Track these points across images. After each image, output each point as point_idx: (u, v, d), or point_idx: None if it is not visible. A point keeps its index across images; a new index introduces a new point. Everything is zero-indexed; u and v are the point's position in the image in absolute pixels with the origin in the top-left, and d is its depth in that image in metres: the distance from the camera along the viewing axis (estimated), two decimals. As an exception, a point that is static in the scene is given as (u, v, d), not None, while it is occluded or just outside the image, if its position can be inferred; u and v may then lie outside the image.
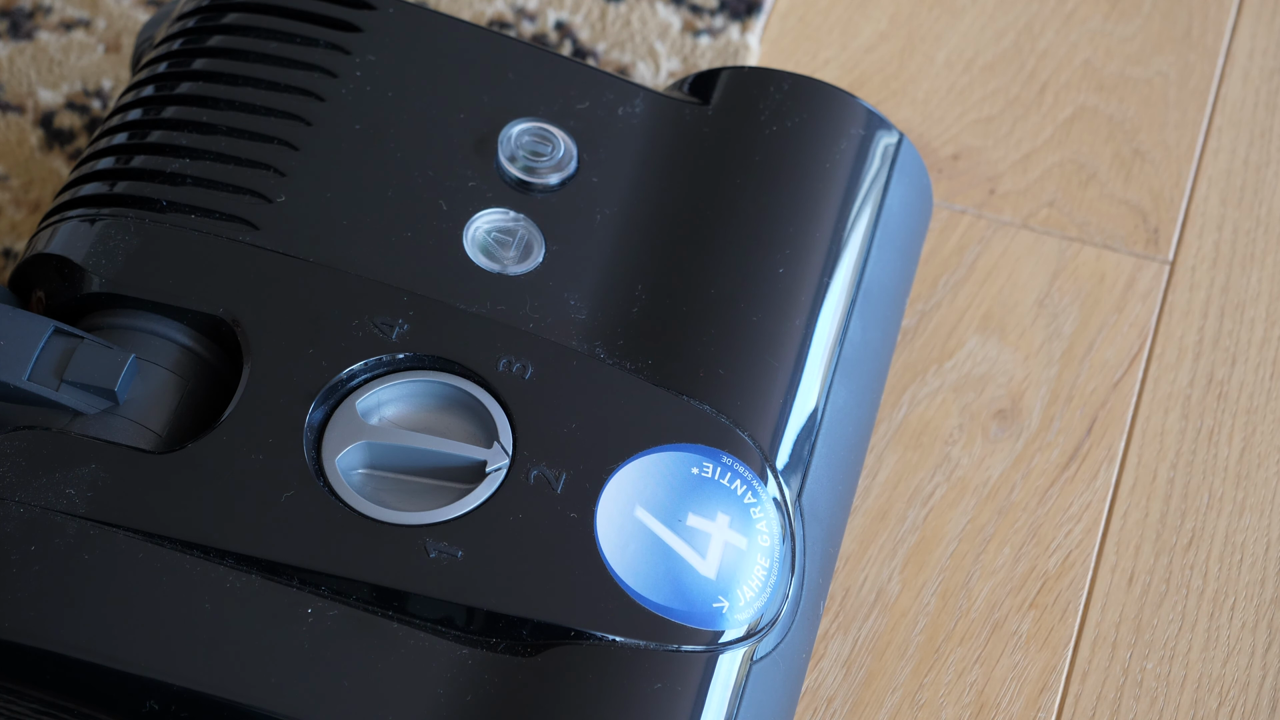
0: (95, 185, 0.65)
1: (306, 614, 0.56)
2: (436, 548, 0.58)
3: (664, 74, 0.82)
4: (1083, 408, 0.75)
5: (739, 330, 0.63)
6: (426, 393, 0.61)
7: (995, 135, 0.82)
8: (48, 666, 0.55)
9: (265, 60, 0.67)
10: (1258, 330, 0.77)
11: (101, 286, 0.62)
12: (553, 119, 0.67)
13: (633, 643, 0.57)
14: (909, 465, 0.73)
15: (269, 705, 0.55)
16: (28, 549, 0.56)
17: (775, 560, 0.60)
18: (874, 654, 0.69)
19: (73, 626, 0.55)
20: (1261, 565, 0.72)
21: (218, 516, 0.57)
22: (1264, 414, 0.75)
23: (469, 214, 0.65)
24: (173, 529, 0.57)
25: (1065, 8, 0.86)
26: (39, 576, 0.56)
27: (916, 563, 0.71)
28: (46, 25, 0.82)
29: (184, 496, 0.58)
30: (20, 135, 0.79)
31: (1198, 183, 0.81)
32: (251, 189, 0.64)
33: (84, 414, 0.59)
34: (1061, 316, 0.77)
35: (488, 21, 0.83)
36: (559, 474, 0.59)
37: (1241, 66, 0.84)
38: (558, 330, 0.62)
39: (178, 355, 0.61)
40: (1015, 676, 0.69)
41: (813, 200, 0.67)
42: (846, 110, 0.69)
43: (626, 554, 0.58)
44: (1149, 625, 0.70)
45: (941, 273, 0.78)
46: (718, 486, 0.60)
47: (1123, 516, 0.72)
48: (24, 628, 0.55)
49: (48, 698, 0.56)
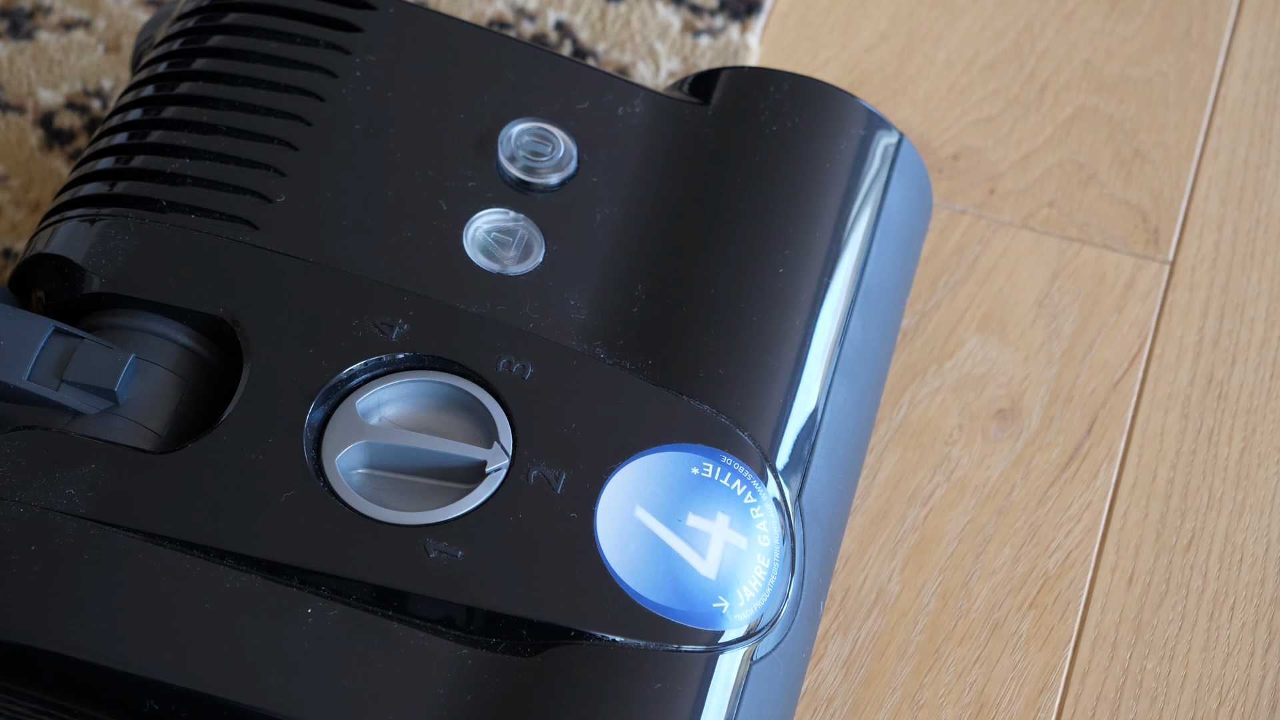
0: (95, 185, 0.65)
1: (306, 614, 0.56)
2: (436, 548, 0.58)
3: (664, 74, 0.82)
4: (1083, 408, 0.75)
5: (739, 330, 0.63)
6: (426, 393, 0.61)
7: (995, 135, 0.82)
8: (48, 666, 0.55)
9: (265, 60, 0.67)
10: (1258, 330, 0.77)
11: (101, 286, 0.62)
12: (553, 119, 0.67)
13: (633, 643, 0.57)
14: (909, 465, 0.73)
15: (269, 705, 0.55)
16: (28, 549, 0.56)
17: (775, 560, 0.60)
18: (874, 654, 0.69)
19: (73, 626, 0.55)
20: (1261, 565, 0.72)
21: (218, 516, 0.57)
22: (1264, 414, 0.75)
23: (469, 214, 0.65)
24: (173, 529, 0.57)
25: (1065, 8, 0.86)
26: (39, 576, 0.56)
27: (916, 563, 0.71)
28: (46, 25, 0.82)
29: (184, 496, 0.58)
30: (20, 135, 0.79)
31: (1198, 183, 0.81)
32: (251, 189, 0.64)
33: (84, 414, 0.59)
34: (1061, 316, 0.77)
35: (488, 21, 0.83)
36: (559, 474, 0.59)
37: (1241, 66, 0.84)
38: (558, 330, 0.62)
39: (178, 355, 0.61)
40: (1015, 676, 0.69)
41: (813, 200, 0.67)
42: (846, 110, 0.69)
43: (626, 554, 0.58)
44: (1149, 625, 0.70)
45: (941, 273, 0.78)
46: (718, 486, 0.60)
47: (1123, 516, 0.72)
48: (24, 628, 0.55)
49: (48, 698, 0.56)
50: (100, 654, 0.55)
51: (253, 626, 0.56)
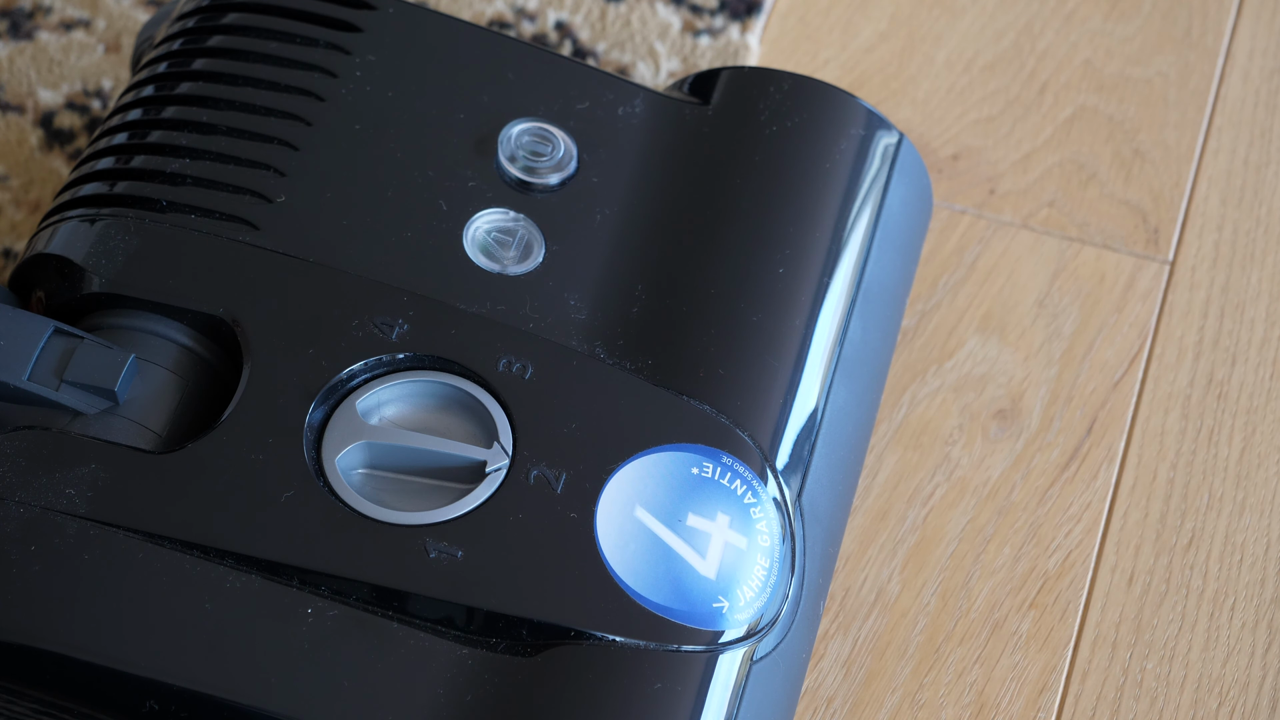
0: (95, 185, 0.65)
1: (306, 614, 0.56)
2: (436, 548, 0.58)
3: (664, 74, 0.82)
4: (1083, 408, 0.75)
5: (739, 330, 0.63)
6: (426, 393, 0.61)
7: (995, 135, 0.82)
8: (48, 666, 0.55)
9: (265, 60, 0.67)
10: (1258, 330, 0.77)
11: (101, 286, 0.62)
12: (553, 119, 0.67)
13: (633, 643, 0.57)
14: (909, 465, 0.73)
15: (269, 705, 0.55)
16: (28, 549, 0.56)
17: (775, 560, 0.60)
18: (874, 654, 0.69)
19: (73, 626, 0.55)
20: (1261, 565, 0.72)
21: (218, 516, 0.57)
22: (1264, 414, 0.75)
23: (469, 214, 0.65)
24: (173, 529, 0.57)
25: (1065, 8, 0.86)
26: (39, 576, 0.56)
27: (916, 563, 0.71)
28: (46, 25, 0.82)
29: (184, 496, 0.58)
30: (20, 135, 0.79)
31: (1198, 183, 0.81)
32: (251, 189, 0.64)
33: (84, 414, 0.59)
34: (1061, 316, 0.77)
35: (488, 21, 0.83)
36: (559, 474, 0.59)
37: (1241, 66, 0.84)
38: (558, 330, 0.62)
39: (178, 355, 0.61)
40: (1015, 676, 0.69)
41: (813, 200, 0.67)
42: (846, 110, 0.69)
43: (626, 554, 0.58)
44: (1149, 625, 0.70)
45: (941, 273, 0.78)
46: (718, 486, 0.60)
47: (1123, 516, 0.72)
48: (24, 628, 0.55)
49: (48, 698, 0.56)
50: (100, 654, 0.55)
51: (253, 626, 0.56)
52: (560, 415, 0.60)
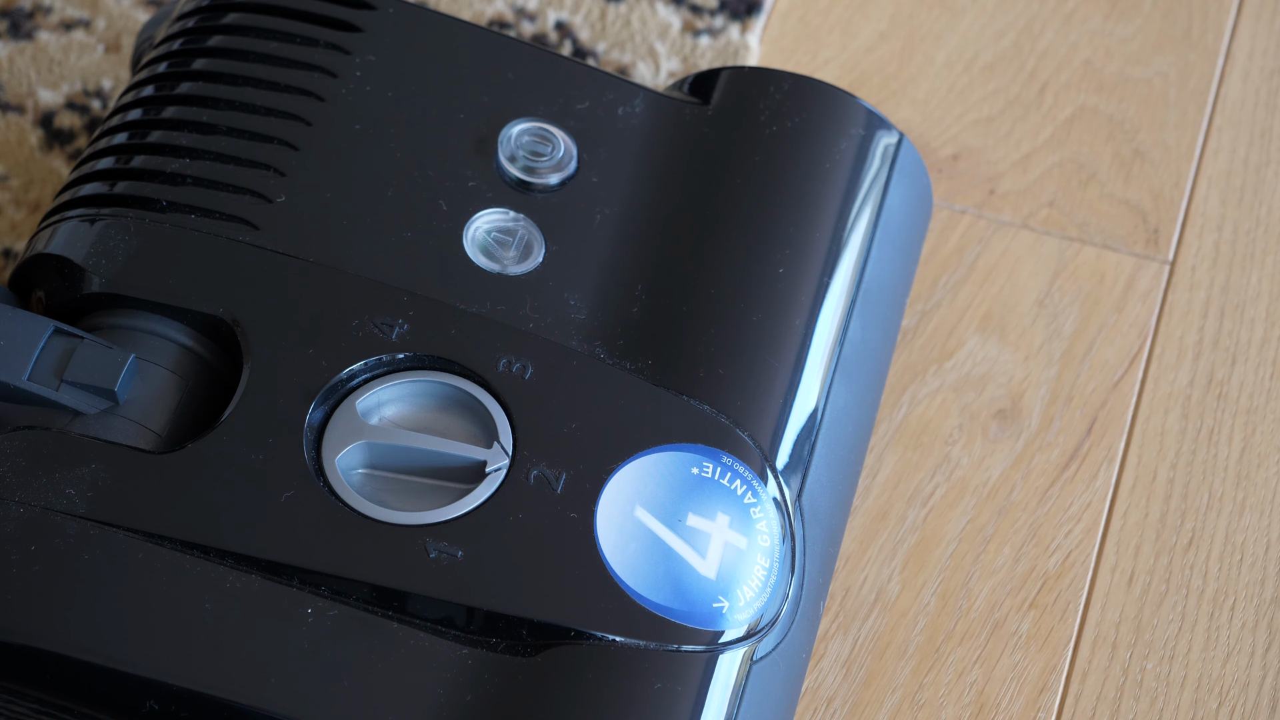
0: (95, 185, 0.65)
1: (306, 614, 0.56)
2: (436, 548, 0.58)
3: (664, 74, 0.82)
4: (1083, 408, 0.75)
5: (739, 330, 0.63)
6: (426, 393, 0.61)
7: (995, 135, 0.82)
8: (48, 666, 0.55)
9: (265, 60, 0.67)
10: (1258, 330, 0.77)
11: (101, 286, 0.62)
12: (553, 119, 0.67)
13: (633, 643, 0.57)
14: (909, 465, 0.73)
15: (269, 705, 0.55)
16: (28, 549, 0.56)
17: (775, 560, 0.60)
18: (874, 654, 0.69)
19: (73, 626, 0.55)
20: (1261, 565, 0.72)
21: (218, 516, 0.57)
22: (1264, 414, 0.75)
23: (469, 214, 0.65)
24: (173, 529, 0.57)
25: (1065, 8, 0.86)
26: (39, 576, 0.56)
27: (916, 563, 0.71)
28: (46, 25, 0.82)
29: (184, 497, 0.58)
30: (20, 135, 0.79)
31: (1198, 183, 0.81)
32: (251, 189, 0.64)
33: (84, 414, 0.59)
34: (1061, 316, 0.77)
35: (488, 21, 0.83)
36: (559, 474, 0.59)
37: (1241, 66, 0.84)
38: (558, 330, 0.62)
39: (178, 355, 0.61)
40: (1015, 676, 0.69)
41: (813, 200, 0.67)
42: (846, 110, 0.69)
43: (626, 554, 0.58)
44: (1149, 625, 0.70)
45: (941, 273, 0.78)
46: (718, 486, 0.60)
47: (1123, 516, 0.72)
48: (24, 628, 0.55)
49: (48, 698, 0.56)
50: (100, 654, 0.55)
51: (253, 626, 0.56)
52: (560, 415, 0.60)
